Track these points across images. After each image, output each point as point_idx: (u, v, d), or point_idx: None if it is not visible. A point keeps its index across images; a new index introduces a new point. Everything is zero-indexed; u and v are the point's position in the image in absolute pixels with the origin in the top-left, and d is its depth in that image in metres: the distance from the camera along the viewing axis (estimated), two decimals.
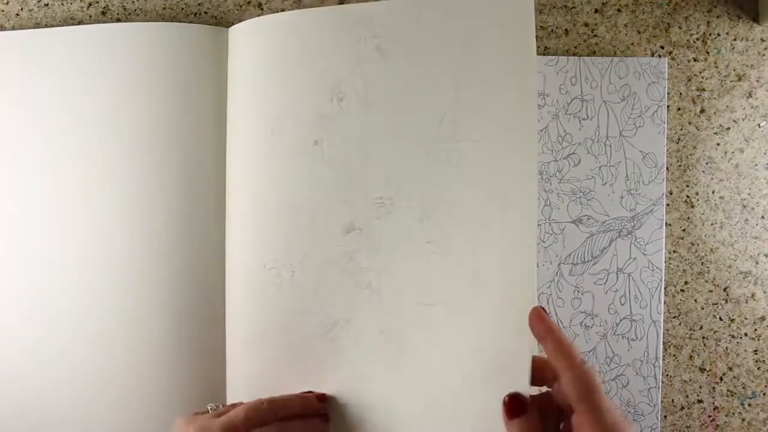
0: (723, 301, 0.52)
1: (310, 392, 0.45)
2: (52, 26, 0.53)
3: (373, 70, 0.47)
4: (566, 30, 0.53)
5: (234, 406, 0.42)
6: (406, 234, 0.46)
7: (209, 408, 0.43)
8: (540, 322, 0.37)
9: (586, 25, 0.53)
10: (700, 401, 0.52)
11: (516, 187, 0.42)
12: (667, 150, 0.52)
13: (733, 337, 0.52)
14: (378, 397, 0.45)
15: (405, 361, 0.44)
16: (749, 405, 0.52)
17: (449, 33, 0.46)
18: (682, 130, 0.52)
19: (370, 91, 0.47)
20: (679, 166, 0.52)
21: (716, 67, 0.53)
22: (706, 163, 0.52)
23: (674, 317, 0.52)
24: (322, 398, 0.45)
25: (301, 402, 0.44)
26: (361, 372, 0.46)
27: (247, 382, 0.49)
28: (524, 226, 0.41)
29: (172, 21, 0.54)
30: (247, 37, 0.51)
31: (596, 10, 0.53)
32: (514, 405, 0.36)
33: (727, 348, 0.52)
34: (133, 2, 0.54)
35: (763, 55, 0.52)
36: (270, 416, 0.41)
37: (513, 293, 0.41)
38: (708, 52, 0.53)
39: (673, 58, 0.53)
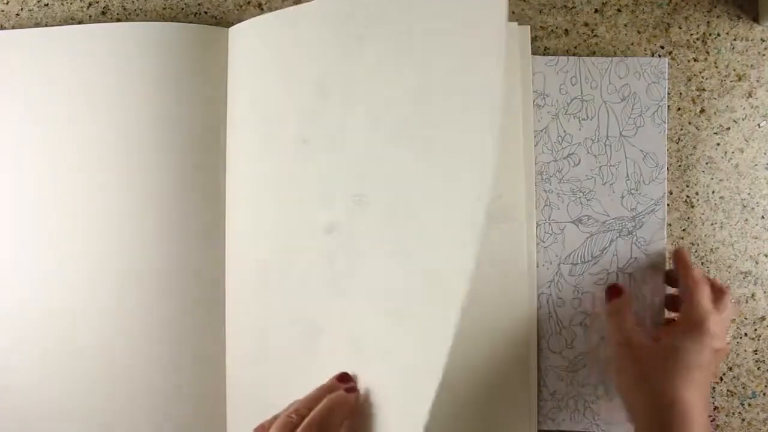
0: None
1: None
2: (52, 26, 0.53)
3: (354, 60, 0.45)
4: (566, 30, 0.53)
5: (259, 429, 0.39)
6: (375, 235, 0.43)
7: None
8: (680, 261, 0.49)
9: (586, 25, 0.53)
10: None
11: (470, 182, 0.38)
12: (668, 150, 0.52)
13: (733, 337, 0.52)
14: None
15: (365, 371, 0.42)
16: (749, 405, 0.52)
17: (422, 17, 0.43)
18: (682, 130, 0.52)
19: (351, 84, 0.45)
20: (679, 166, 0.52)
21: (716, 67, 0.52)
22: (706, 163, 0.52)
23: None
24: (342, 378, 0.42)
25: (322, 392, 0.41)
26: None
27: (246, 382, 0.49)
28: (471, 226, 0.37)
29: (172, 21, 0.54)
30: (246, 37, 0.51)
31: (596, 10, 0.53)
32: (611, 290, 0.50)
33: None
34: (133, 2, 0.54)
35: (763, 55, 0.52)
36: (299, 422, 0.38)
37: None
38: (708, 52, 0.53)
39: (673, 58, 0.52)
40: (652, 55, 0.52)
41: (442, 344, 0.36)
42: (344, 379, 0.42)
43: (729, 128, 0.52)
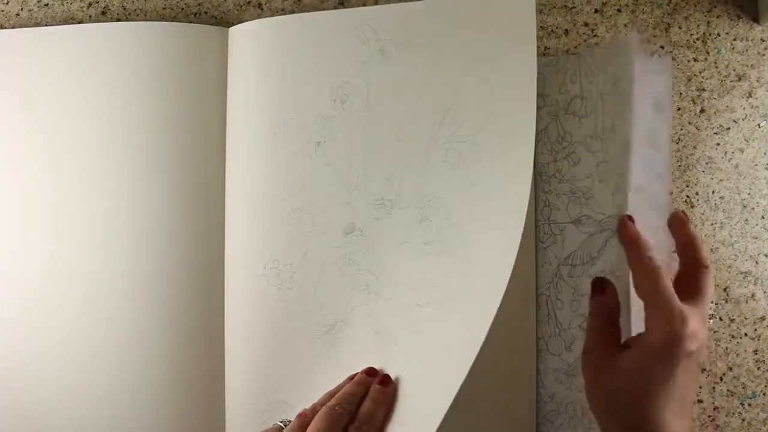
0: (723, 301, 0.52)
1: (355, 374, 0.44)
2: (52, 26, 0.53)
3: (376, 72, 0.47)
4: (566, 30, 0.53)
5: (302, 416, 0.41)
6: (405, 235, 0.46)
7: (281, 424, 0.42)
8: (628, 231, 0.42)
9: (586, 25, 0.53)
10: (700, 401, 0.52)
11: (511, 188, 0.42)
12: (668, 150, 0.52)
13: (733, 337, 0.52)
14: None
15: (393, 363, 0.44)
16: (749, 405, 0.52)
17: (451, 36, 0.46)
18: (682, 130, 0.52)
19: (373, 92, 0.47)
20: (679, 166, 0.52)
21: (716, 67, 0.52)
22: (706, 163, 0.52)
23: None
24: (370, 372, 0.44)
25: (358, 387, 0.42)
26: (356, 370, 0.45)
27: (246, 382, 0.50)
28: (516, 226, 0.41)
29: (172, 21, 0.54)
30: (247, 38, 0.51)
31: (596, 10, 0.53)
32: (596, 285, 0.44)
33: (727, 348, 0.52)
34: (133, 2, 0.54)
35: (763, 55, 0.52)
36: (347, 416, 0.40)
37: (495, 291, 0.40)
38: (708, 52, 0.53)
39: (673, 58, 0.52)
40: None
41: (475, 338, 0.39)
42: (373, 373, 0.43)
43: (729, 128, 0.52)
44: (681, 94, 0.52)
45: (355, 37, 0.48)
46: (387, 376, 0.43)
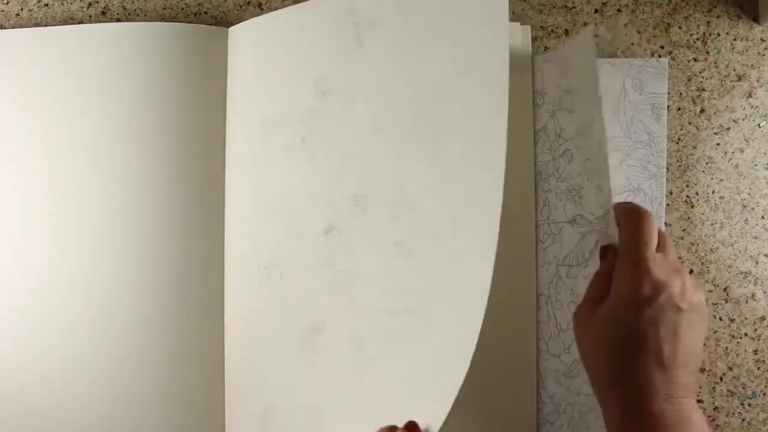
0: (723, 301, 0.52)
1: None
2: (52, 26, 0.53)
3: (354, 61, 0.45)
4: (566, 30, 0.53)
5: None
6: (376, 234, 0.43)
7: None
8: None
9: (586, 25, 0.53)
10: (700, 401, 0.52)
11: (482, 181, 0.39)
12: (667, 150, 0.52)
13: (733, 337, 0.52)
14: (340, 407, 0.42)
15: (366, 374, 0.42)
16: (749, 405, 0.52)
17: (427, 21, 0.43)
18: (682, 130, 0.52)
19: (351, 83, 0.46)
20: (679, 166, 0.52)
21: (716, 67, 0.52)
22: (706, 163, 0.52)
23: None
24: (411, 429, 0.39)
25: None
26: (331, 380, 0.44)
27: (243, 384, 0.49)
28: (488, 226, 0.38)
29: (172, 21, 0.54)
30: (246, 38, 0.51)
31: (596, 10, 0.53)
32: (602, 252, 0.41)
33: (727, 348, 0.52)
34: (133, 2, 0.54)
35: (763, 55, 0.52)
36: None
37: (475, 299, 0.38)
38: (708, 52, 0.53)
39: (673, 58, 0.52)
40: (652, 55, 0.52)
41: (465, 344, 0.37)
42: (413, 429, 0.38)
43: (729, 128, 0.52)
44: (681, 94, 0.52)
45: (336, 25, 0.46)
46: None
